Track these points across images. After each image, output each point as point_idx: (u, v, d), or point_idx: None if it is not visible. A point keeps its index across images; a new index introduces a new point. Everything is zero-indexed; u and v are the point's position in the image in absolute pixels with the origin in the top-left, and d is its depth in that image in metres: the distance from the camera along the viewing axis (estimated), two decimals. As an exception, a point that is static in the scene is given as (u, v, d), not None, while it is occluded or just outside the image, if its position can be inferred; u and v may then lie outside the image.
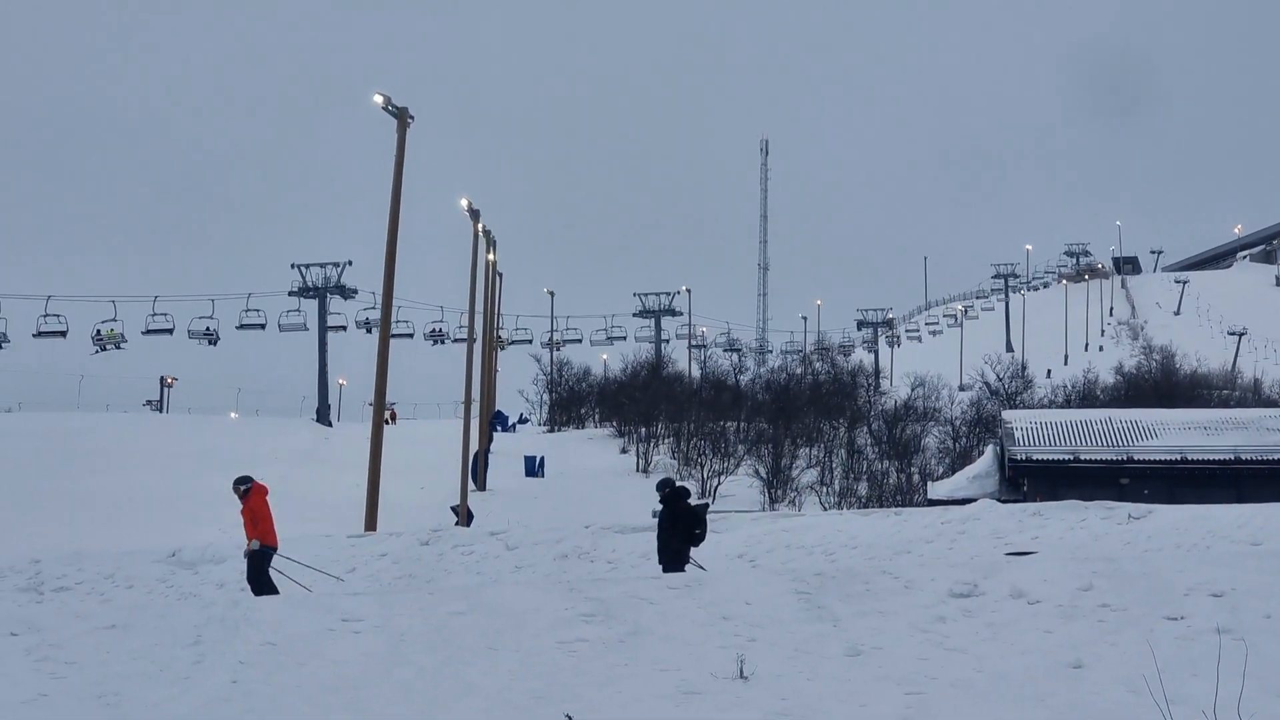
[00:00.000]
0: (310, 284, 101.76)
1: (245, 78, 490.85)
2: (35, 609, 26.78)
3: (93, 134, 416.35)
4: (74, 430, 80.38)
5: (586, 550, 31.72)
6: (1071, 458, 56.11)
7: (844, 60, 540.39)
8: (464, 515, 53.36)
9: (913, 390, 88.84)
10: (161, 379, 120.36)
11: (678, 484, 28.16)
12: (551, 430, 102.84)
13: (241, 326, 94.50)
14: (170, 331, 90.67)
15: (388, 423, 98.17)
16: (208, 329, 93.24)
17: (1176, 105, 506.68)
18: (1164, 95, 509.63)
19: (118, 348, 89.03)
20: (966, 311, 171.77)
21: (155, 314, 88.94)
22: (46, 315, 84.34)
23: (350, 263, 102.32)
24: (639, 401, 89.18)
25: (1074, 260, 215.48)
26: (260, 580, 26.72)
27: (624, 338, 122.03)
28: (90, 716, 16.07)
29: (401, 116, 47.08)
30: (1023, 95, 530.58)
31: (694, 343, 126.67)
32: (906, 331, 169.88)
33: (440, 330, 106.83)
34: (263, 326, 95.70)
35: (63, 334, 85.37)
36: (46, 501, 57.94)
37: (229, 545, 34.67)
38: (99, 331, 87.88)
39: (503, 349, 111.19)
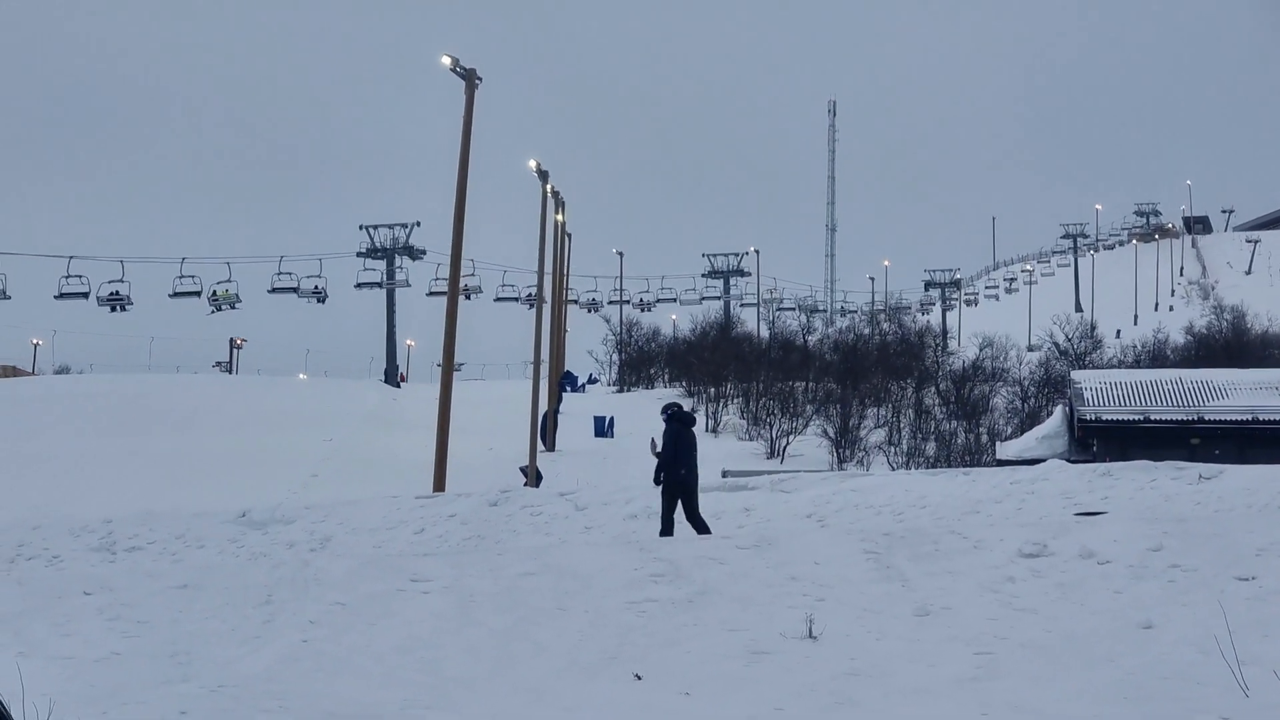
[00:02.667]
0: (379, 245, 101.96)
1: (313, 37, 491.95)
2: (108, 569, 27.02)
3: (156, 101, 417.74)
4: (144, 392, 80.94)
5: (656, 511, 31.64)
6: (1141, 418, 55.74)
7: (911, 20, 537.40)
8: (533, 476, 53.38)
9: (981, 350, 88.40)
10: (231, 340, 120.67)
11: None
12: (621, 390, 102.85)
13: (274, 290, 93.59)
14: (198, 294, 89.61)
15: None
16: (316, 287, 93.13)
17: (1248, 64, 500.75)
18: (1235, 54, 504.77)
19: (233, 308, 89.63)
20: (1036, 271, 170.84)
21: (182, 276, 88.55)
22: (69, 276, 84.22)
23: (419, 223, 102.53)
24: (708, 362, 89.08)
25: (1144, 220, 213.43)
26: None
27: (681, 300, 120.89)
28: (162, 675, 16.18)
29: (469, 78, 47.04)
30: (1094, 54, 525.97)
31: (763, 302, 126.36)
32: (980, 291, 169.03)
33: (533, 294, 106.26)
34: (295, 290, 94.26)
35: (84, 295, 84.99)
36: (117, 462, 58.41)
37: (298, 506, 34.93)
38: (215, 292, 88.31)
39: (596, 310, 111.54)
